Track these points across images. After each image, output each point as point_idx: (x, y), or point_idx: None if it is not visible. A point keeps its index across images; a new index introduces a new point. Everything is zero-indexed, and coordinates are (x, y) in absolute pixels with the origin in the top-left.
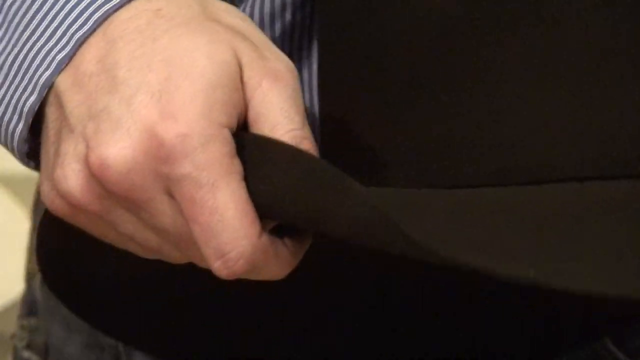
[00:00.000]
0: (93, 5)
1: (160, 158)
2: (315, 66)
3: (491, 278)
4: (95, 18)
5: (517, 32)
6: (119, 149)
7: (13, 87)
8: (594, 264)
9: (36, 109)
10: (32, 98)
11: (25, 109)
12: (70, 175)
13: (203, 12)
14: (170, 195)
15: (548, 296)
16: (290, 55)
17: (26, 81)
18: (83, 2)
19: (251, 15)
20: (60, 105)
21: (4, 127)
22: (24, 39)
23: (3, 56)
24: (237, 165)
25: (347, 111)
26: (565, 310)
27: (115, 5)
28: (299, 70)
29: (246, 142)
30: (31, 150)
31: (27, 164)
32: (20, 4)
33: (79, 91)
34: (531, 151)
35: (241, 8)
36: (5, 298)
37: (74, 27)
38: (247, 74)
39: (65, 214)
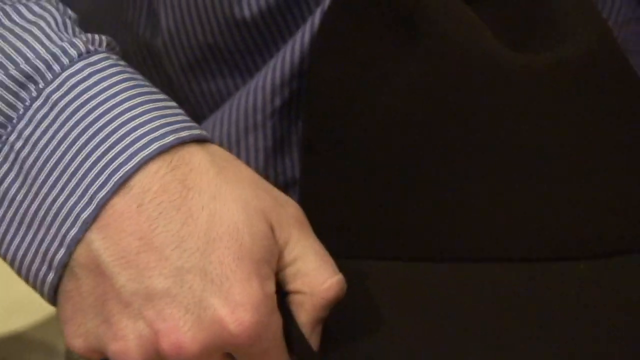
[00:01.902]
0: (111, 166)
1: (231, 344)
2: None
3: None
4: (115, 180)
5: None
6: (192, 336)
7: (38, 238)
8: None
9: (67, 262)
10: (62, 252)
11: (55, 263)
12: (133, 351)
13: (220, 174)
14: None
15: None
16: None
17: (52, 235)
18: (102, 161)
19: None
20: (103, 274)
21: (33, 274)
22: (44, 192)
23: (24, 206)
24: (280, 326)
25: (328, 180)
26: None
27: (134, 166)
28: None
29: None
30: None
31: (54, 303)
32: (36, 156)
33: (127, 266)
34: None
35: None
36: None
37: (94, 187)
38: (278, 230)
39: None
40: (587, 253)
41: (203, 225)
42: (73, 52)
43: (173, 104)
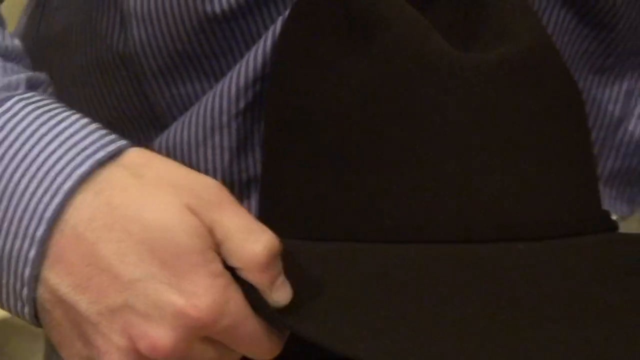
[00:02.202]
0: (40, 205)
1: (199, 328)
2: None
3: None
4: (48, 217)
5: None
6: (163, 335)
7: (4, 278)
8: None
9: (34, 297)
10: (26, 290)
11: (25, 298)
12: None
13: (141, 184)
14: (210, 339)
15: None
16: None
17: (13, 275)
18: (32, 202)
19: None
20: (67, 304)
21: (13, 308)
22: None
23: None
24: (241, 297)
25: (284, 166)
26: None
27: (61, 202)
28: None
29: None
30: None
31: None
32: None
33: (85, 291)
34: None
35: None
36: None
37: (31, 228)
38: (204, 218)
39: None
40: (525, 235)
41: (138, 236)
42: None
43: (87, 121)
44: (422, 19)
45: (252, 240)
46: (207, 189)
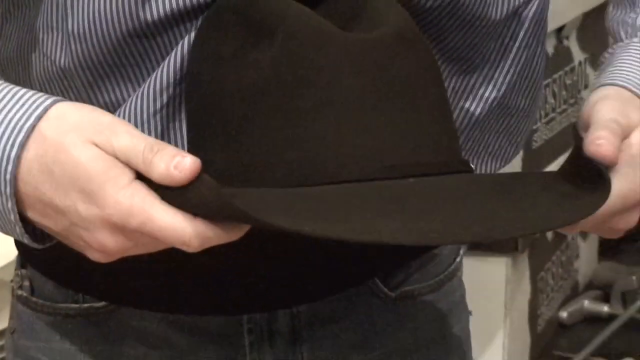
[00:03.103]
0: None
1: (120, 227)
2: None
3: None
4: (14, 154)
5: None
6: (101, 236)
7: None
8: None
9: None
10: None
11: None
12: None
13: (57, 132)
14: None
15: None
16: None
17: None
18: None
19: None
20: (43, 225)
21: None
22: None
23: None
24: (152, 197)
25: (203, 139)
26: (354, 255)
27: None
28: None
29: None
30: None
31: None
32: None
33: (47, 219)
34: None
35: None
36: (11, 255)
37: (2, 168)
38: (102, 144)
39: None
40: (413, 172)
41: (60, 173)
42: None
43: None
44: (312, 12)
45: (151, 157)
46: (105, 123)
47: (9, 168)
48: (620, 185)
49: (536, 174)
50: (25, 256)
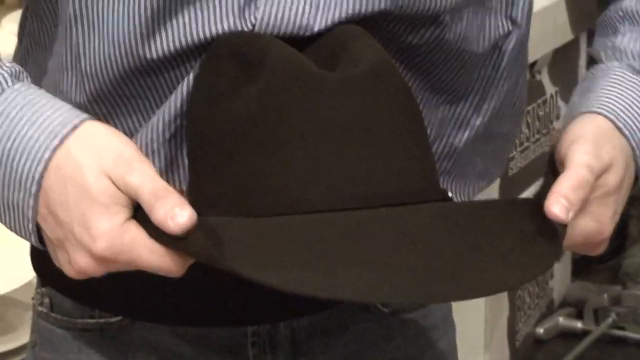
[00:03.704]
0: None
1: (102, 259)
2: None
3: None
4: (34, 191)
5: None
6: (81, 260)
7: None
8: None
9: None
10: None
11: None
12: (79, 261)
13: (79, 151)
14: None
15: None
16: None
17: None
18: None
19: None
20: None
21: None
22: None
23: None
24: (141, 237)
25: (198, 165)
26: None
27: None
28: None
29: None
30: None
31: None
32: None
33: (45, 223)
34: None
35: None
36: (25, 277)
37: (27, 183)
38: (114, 178)
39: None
40: (386, 202)
41: (71, 191)
42: None
43: (60, 104)
44: (296, 51)
45: (154, 201)
46: (125, 157)
47: (39, 168)
48: (584, 224)
49: (504, 205)
50: (45, 276)
